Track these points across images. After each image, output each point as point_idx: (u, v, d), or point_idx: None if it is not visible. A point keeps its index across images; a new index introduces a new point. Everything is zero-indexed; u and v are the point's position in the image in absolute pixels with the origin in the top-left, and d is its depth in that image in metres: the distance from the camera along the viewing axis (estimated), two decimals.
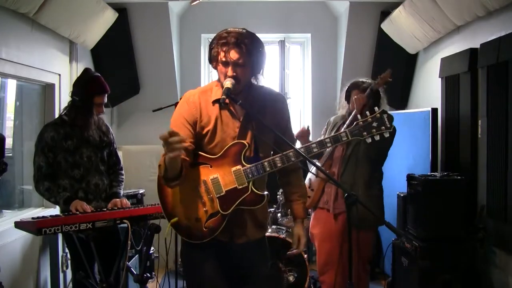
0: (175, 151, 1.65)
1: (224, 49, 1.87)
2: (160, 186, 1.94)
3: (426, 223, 3.00)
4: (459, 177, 3.05)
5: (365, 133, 1.87)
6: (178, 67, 4.97)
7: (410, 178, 3.21)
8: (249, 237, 2.00)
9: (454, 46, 3.67)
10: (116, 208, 2.61)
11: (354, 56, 4.79)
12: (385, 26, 4.42)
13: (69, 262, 3.26)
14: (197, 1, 3.96)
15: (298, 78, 5.40)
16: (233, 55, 1.87)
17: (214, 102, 1.95)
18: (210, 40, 1.98)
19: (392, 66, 4.57)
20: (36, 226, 2.20)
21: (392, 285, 3.46)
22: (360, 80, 2.90)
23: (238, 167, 1.89)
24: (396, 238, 3.37)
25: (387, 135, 1.88)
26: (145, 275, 2.61)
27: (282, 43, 4.93)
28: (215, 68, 1.98)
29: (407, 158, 3.84)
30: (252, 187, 1.90)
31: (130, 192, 4.10)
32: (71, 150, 2.68)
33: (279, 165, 1.90)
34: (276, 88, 4.98)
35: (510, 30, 2.83)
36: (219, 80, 2.00)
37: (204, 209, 1.89)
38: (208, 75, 5.25)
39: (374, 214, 2.02)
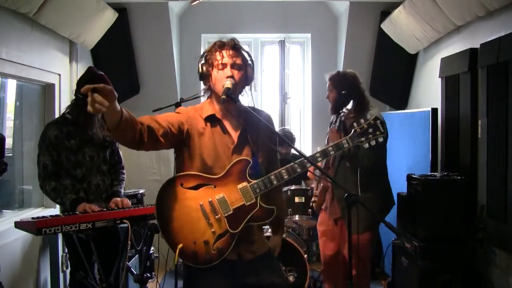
0: (93, 107, 1.52)
1: (222, 51, 1.93)
2: (157, 214, 1.86)
3: (426, 223, 3.00)
4: (459, 177, 3.05)
5: (363, 139, 1.98)
6: (178, 67, 4.97)
7: (410, 178, 3.21)
8: (257, 252, 1.98)
9: (454, 46, 3.67)
10: (116, 208, 2.61)
11: (354, 56, 4.79)
12: (385, 26, 4.42)
13: (69, 262, 3.26)
14: (197, 1, 3.96)
15: (298, 78, 5.40)
16: (232, 54, 1.92)
17: (206, 119, 1.95)
18: (200, 56, 2.01)
19: (392, 66, 4.65)
20: (36, 226, 2.19)
21: (392, 285, 3.46)
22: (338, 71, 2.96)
23: (244, 183, 1.89)
24: (396, 238, 3.37)
25: (381, 139, 1.99)
26: (145, 275, 2.60)
27: (282, 43, 4.93)
28: (207, 84, 1.99)
29: (407, 158, 3.84)
30: (260, 202, 1.90)
31: (130, 192, 4.10)
32: (74, 149, 2.68)
33: (285, 177, 1.92)
34: (276, 88, 4.99)
35: (510, 30, 2.83)
36: (210, 97, 2.01)
37: (212, 230, 1.84)
38: None
39: (371, 212, 2.06)
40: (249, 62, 1.99)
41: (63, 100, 3.80)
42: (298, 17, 5.06)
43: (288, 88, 5.04)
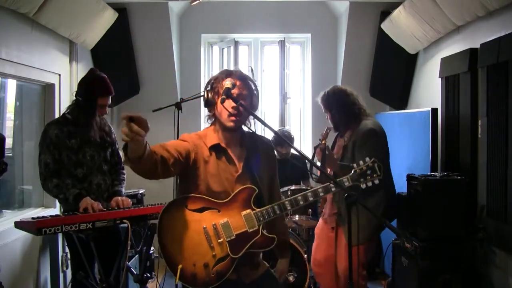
0: (128, 136, 1.52)
1: (229, 80, 1.93)
2: (159, 233, 1.86)
3: (426, 223, 3.00)
4: (459, 177, 3.05)
5: (362, 179, 2.11)
6: (178, 67, 4.97)
7: (410, 178, 3.21)
8: (257, 275, 2.02)
9: (454, 46, 3.67)
10: (116, 208, 2.61)
11: (354, 56, 4.79)
12: (385, 26, 4.42)
13: (69, 262, 3.26)
14: (197, 1, 3.96)
15: (298, 78, 5.40)
16: (239, 84, 1.94)
17: (211, 148, 1.96)
18: (206, 84, 2.03)
19: (392, 66, 4.65)
20: (36, 226, 2.20)
21: (392, 285, 3.46)
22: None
23: (248, 211, 1.93)
24: (396, 238, 3.37)
25: (377, 181, 2.13)
26: (145, 275, 2.61)
27: (282, 43, 4.93)
28: (212, 111, 2.00)
29: (407, 158, 3.84)
30: (262, 230, 1.93)
31: (130, 192, 4.10)
32: (74, 148, 2.69)
33: (288, 208, 1.98)
34: (276, 88, 4.99)
35: (510, 30, 2.83)
36: (214, 123, 2.02)
37: (213, 253, 1.86)
38: (208, 75, 5.25)
39: (372, 212, 2.08)
40: (255, 91, 2.01)
41: (63, 100, 3.81)
42: (298, 17, 5.06)
43: (288, 88, 5.04)
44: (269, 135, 4.11)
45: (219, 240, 1.87)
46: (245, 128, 2.06)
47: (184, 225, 1.87)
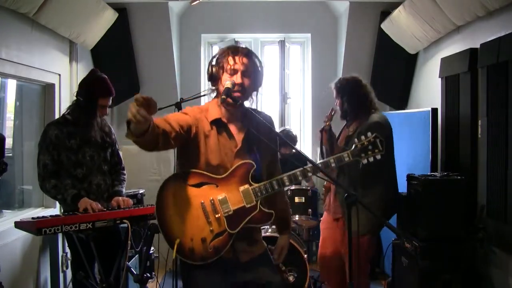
0: (135, 117, 1.55)
1: (235, 57, 1.94)
2: (158, 207, 1.88)
3: (426, 223, 3.00)
4: (459, 177, 3.05)
5: (363, 154, 2.06)
6: (178, 67, 4.97)
7: (410, 178, 3.21)
8: (253, 253, 2.00)
9: (454, 46, 3.67)
10: (116, 207, 2.61)
11: (354, 56, 4.79)
12: (385, 26, 4.42)
13: (69, 262, 3.26)
14: (197, 1, 3.96)
15: (298, 78, 5.40)
16: (245, 61, 1.94)
17: (212, 122, 1.96)
18: (210, 59, 2.02)
19: (392, 66, 4.65)
20: (36, 226, 2.20)
21: (392, 285, 3.46)
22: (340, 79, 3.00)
23: (246, 186, 1.93)
24: (396, 238, 3.37)
25: (378, 157, 2.07)
26: (145, 275, 2.61)
27: (282, 43, 4.93)
28: (215, 86, 2.00)
29: (407, 158, 3.84)
30: (260, 205, 1.93)
31: (130, 192, 4.09)
32: (74, 149, 2.69)
33: (287, 183, 1.98)
34: (276, 88, 4.99)
35: (510, 30, 2.83)
36: (217, 97, 2.01)
37: (210, 228, 1.87)
38: None
39: (372, 212, 2.07)
40: (259, 68, 2.01)
41: (63, 100, 3.80)
42: (298, 17, 5.06)
43: (288, 88, 5.04)
44: None
45: (216, 215, 1.88)
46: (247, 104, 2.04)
47: (182, 200, 1.88)
